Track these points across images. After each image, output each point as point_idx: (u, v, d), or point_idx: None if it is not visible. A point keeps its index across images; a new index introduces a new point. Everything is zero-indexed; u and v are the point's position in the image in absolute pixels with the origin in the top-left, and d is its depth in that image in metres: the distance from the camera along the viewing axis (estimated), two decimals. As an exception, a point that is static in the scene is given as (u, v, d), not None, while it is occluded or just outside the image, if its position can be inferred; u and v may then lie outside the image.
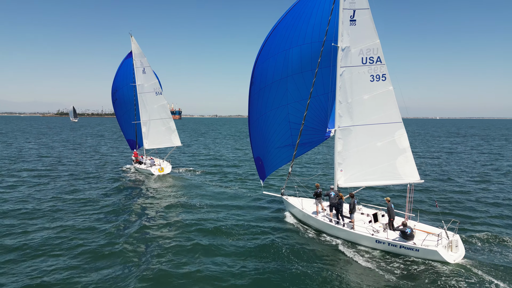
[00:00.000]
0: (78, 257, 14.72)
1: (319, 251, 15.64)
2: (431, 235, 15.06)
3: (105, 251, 15.31)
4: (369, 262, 14.57)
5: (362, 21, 17.49)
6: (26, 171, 33.74)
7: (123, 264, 14.27)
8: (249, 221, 19.51)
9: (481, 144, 71.52)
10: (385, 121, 17.75)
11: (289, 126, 20.30)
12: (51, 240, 16.33)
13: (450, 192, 26.90)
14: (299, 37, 18.79)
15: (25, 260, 14.41)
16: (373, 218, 17.06)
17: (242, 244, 16.36)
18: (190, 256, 15.15)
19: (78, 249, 15.44)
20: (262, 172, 22.05)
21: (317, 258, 15.01)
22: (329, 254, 15.44)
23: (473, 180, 31.78)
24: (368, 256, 15.08)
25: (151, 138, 36.38)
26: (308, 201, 20.26)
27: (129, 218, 19.90)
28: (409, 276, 13.40)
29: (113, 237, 16.87)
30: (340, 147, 18.22)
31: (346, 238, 16.52)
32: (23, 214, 20.02)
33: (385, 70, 17.58)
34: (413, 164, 17.56)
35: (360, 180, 18.22)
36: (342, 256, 15.23)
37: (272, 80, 19.52)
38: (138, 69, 34.65)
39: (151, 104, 35.63)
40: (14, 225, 18.24)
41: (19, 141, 67.81)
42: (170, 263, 14.40)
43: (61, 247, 15.68)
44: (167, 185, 28.95)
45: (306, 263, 14.53)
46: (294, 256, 15.12)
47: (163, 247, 15.93)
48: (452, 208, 22.52)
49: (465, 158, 47.30)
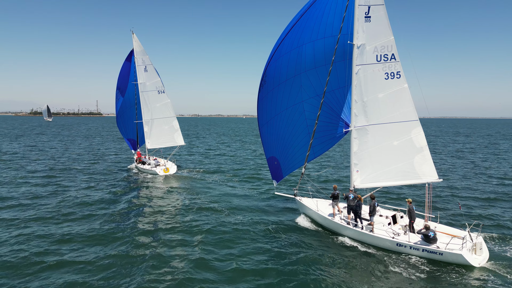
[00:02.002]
0: (89, 262, 14.23)
1: (336, 254, 15.29)
2: (455, 238, 14.67)
3: (115, 253, 14.85)
4: (389, 265, 14.20)
5: (377, 18, 16.99)
6: (25, 173, 33.08)
7: (134, 265, 13.84)
8: (261, 222, 19.13)
9: (497, 143, 70.64)
10: (401, 120, 17.31)
11: (306, 123, 19.70)
12: (60, 243, 15.84)
13: (470, 192, 26.36)
14: (312, 33, 18.22)
15: (38, 265, 13.96)
16: (392, 219, 16.69)
17: (257, 246, 16.04)
18: (202, 257, 14.94)
19: (87, 256, 14.94)
20: (277, 173, 21.39)
21: (334, 260, 14.67)
22: (347, 256, 15.08)
23: (493, 179, 31.27)
24: (388, 259, 14.69)
25: (154, 138, 35.77)
26: (323, 202, 19.84)
27: (138, 220, 19.38)
28: (432, 280, 13.05)
29: (123, 239, 16.40)
30: (356, 147, 17.78)
31: (366, 241, 16.13)
32: (27, 217, 19.39)
33: (399, 67, 17.12)
34: (431, 163, 17.16)
35: (377, 180, 17.80)
36: (361, 258, 14.86)
37: (286, 77, 18.99)
38: (139, 67, 33.96)
39: (153, 103, 34.98)
40: (18, 228, 17.65)
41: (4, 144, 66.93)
42: (182, 264, 14.05)
43: (70, 251, 15.19)
44: (174, 186, 28.46)
45: (324, 266, 14.21)
46: (311, 258, 14.81)
47: (175, 248, 15.66)
48: (472, 208, 22.04)
49: (482, 157, 46.72)
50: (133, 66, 34.62)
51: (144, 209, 21.83)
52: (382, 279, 13.20)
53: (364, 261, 14.67)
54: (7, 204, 22.28)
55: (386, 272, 13.72)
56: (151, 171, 33.11)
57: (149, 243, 16.31)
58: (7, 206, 21.99)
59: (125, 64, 35.88)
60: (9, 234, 17.22)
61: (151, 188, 27.69)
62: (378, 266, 14.22)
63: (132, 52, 34.64)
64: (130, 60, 35.38)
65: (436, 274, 13.52)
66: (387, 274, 13.60)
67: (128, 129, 38.53)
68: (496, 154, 50.68)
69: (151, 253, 15.25)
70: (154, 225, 18.90)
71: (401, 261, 14.53)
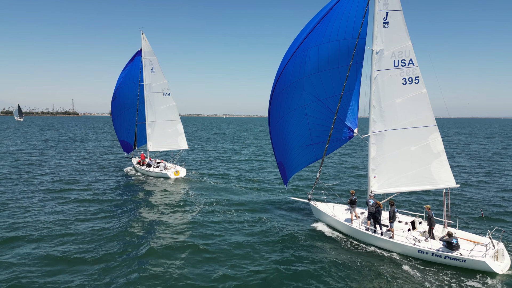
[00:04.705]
0: (102, 271, 14.02)
1: (354, 260, 15.21)
2: (476, 245, 14.65)
3: (135, 255, 14.65)
4: (410, 272, 14.11)
5: (395, 23, 17.00)
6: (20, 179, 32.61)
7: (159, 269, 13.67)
8: (276, 227, 19.01)
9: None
10: (419, 125, 17.32)
11: (308, 127, 19.74)
12: (75, 250, 15.60)
13: (488, 197, 26.10)
14: (324, 34, 18.09)
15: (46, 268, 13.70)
16: (411, 225, 16.67)
17: (272, 250, 16.05)
18: (217, 261, 15.06)
19: (101, 264, 14.72)
20: (284, 177, 21.59)
21: (351, 266, 14.63)
22: (365, 262, 14.99)
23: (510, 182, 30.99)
24: (407, 266, 14.61)
25: (156, 140, 35.43)
26: (339, 207, 19.77)
27: (160, 225, 19.17)
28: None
29: (146, 240, 16.20)
30: (374, 153, 17.75)
31: (386, 247, 16.08)
32: (29, 227, 18.85)
33: (418, 72, 17.11)
34: (448, 168, 17.19)
35: (394, 186, 17.80)
36: (381, 265, 14.77)
37: (298, 77, 18.88)
38: (146, 68, 33.60)
39: (158, 105, 34.66)
40: (20, 239, 17.17)
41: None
42: (197, 268, 14.30)
43: (83, 260, 14.96)
44: (187, 189, 28.22)
45: (342, 270, 14.22)
46: (329, 263, 14.83)
47: (192, 252, 15.75)
48: (490, 213, 21.83)
49: (500, 160, 46.38)
50: (139, 66, 34.21)
51: (169, 214, 21.72)
52: (403, 286, 13.14)
53: (384, 267, 14.59)
54: (16, 206, 21.90)
55: (407, 279, 13.65)
56: (160, 174, 32.50)
57: (173, 248, 16.21)
58: (15, 208, 21.62)
59: (129, 64, 35.49)
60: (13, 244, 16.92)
61: (165, 192, 27.33)
62: (399, 272, 14.14)
63: (138, 53, 34.30)
64: (135, 60, 35.01)
65: (458, 281, 13.47)
66: (408, 281, 13.54)
67: (123, 130, 37.38)
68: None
69: (173, 258, 15.17)
70: (175, 230, 18.73)
71: (421, 268, 14.47)
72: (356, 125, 19.37)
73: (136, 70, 34.68)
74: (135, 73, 34.81)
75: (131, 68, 35.17)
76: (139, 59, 34.05)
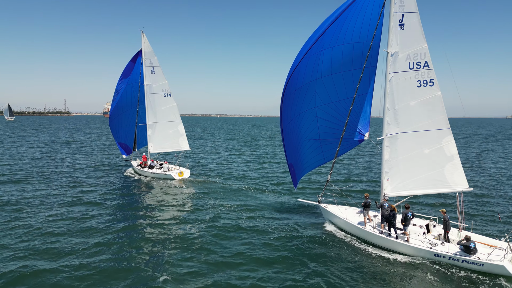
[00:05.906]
0: (112, 274, 13.65)
1: (368, 264, 15.06)
2: (495, 249, 14.56)
3: (143, 256, 14.30)
4: (426, 276, 13.97)
5: (410, 25, 16.89)
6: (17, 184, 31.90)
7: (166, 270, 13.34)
8: (286, 230, 18.74)
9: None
10: (433, 128, 17.24)
11: (318, 129, 19.61)
12: (79, 251, 15.19)
13: (501, 199, 25.89)
14: (338, 36, 17.94)
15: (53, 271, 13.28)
16: (426, 229, 16.56)
17: (282, 253, 15.92)
18: (225, 264, 14.89)
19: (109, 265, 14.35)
20: (294, 178, 21.35)
21: (368, 270, 14.46)
22: (380, 266, 14.85)
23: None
24: (423, 270, 14.45)
25: (157, 142, 34.91)
26: (352, 210, 19.58)
27: (170, 227, 18.82)
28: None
29: (156, 240, 15.84)
30: (387, 156, 17.62)
31: (401, 251, 15.91)
32: (31, 232, 18.15)
33: (433, 75, 17.03)
34: (462, 171, 17.13)
35: (407, 189, 17.68)
36: (396, 269, 14.60)
37: (310, 79, 18.70)
38: (147, 68, 33.15)
39: (158, 106, 34.18)
40: (20, 248, 16.43)
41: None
42: (206, 270, 14.15)
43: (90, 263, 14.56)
44: (193, 190, 27.86)
45: (357, 274, 14.06)
46: (343, 266, 14.73)
47: (199, 253, 15.51)
48: (506, 217, 21.58)
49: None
50: (139, 67, 33.73)
51: (177, 215, 21.42)
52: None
53: (401, 270, 14.42)
54: (17, 208, 21.34)
55: (423, 282, 13.52)
56: (164, 175, 32.02)
57: (181, 247, 15.92)
58: (18, 210, 21.07)
59: (129, 65, 34.92)
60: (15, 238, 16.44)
61: (171, 193, 26.92)
62: (415, 276, 14.00)
63: (138, 53, 33.82)
64: (135, 61, 34.49)
65: (475, 285, 13.34)
66: (425, 284, 13.39)
67: (122, 132, 36.62)
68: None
69: (182, 257, 14.87)
70: (183, 230, 18.37)
71: (437, 272, 14.30)
72: (367, 129, 19.25)
73: (136, 71, 34.22)
74: (135, 73, 34.34)
75: (131, 68, 34.68)
76: (140, 59, 33.59)
